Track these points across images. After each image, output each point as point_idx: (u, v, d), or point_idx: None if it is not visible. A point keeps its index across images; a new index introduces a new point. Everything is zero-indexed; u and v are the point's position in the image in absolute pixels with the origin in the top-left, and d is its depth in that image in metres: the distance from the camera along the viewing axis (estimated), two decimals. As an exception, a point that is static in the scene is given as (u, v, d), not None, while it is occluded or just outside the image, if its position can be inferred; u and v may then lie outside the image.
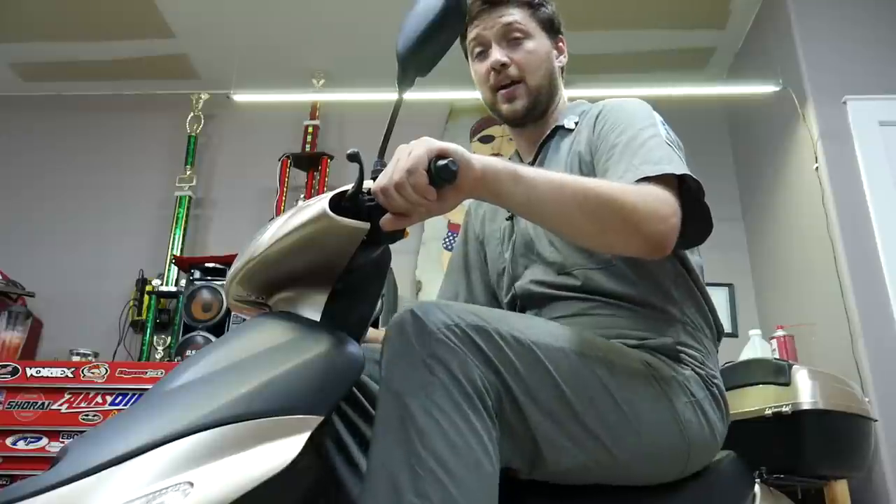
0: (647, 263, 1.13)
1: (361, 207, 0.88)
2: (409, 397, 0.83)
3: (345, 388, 0.86)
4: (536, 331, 0.96)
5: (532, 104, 1.27)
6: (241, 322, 2.98)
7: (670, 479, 1.06)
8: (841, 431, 1.72)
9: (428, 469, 0.79)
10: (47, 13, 3.39)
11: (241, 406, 0.75)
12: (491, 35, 1.26)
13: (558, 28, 1.33)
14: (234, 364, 0.82)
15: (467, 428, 0.83)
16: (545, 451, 0.93)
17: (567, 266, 1.17)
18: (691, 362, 1.10)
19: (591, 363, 0.98)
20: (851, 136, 2.70)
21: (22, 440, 2.48)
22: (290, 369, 0.81)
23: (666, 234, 0.97)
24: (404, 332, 0.87)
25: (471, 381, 0.85)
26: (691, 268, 1.18)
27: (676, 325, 1.13)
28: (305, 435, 0.76)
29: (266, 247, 0.90)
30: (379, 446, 0.83)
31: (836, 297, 2.53)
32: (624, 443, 0.98)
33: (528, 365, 0.91)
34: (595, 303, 1.14)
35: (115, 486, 0.68)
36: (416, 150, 0.84)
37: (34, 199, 3.72)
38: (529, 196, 0.92)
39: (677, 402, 1.03)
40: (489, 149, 3.68)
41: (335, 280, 0.92)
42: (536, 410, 0.91)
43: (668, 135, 1.11)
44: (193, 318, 3.04)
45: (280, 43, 3.58)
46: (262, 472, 0.71)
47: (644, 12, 3.32)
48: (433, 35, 0.90)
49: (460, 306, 0.92)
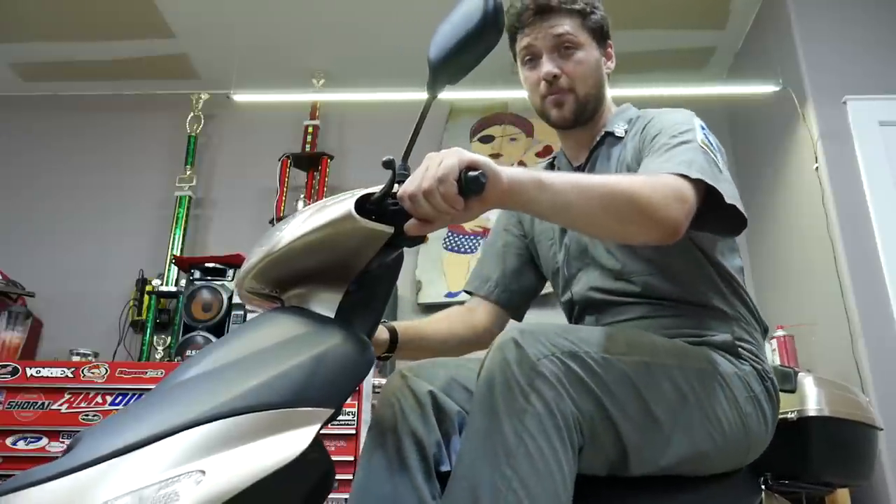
0: (698, 265, 1.20)
1: (385, 211, 0.89)
2: (504, 418, 0.89)
3: (356, 383, 0.88)
4: (618, 346, 1.02)
5: (580, 111, 1.30)
6: (243, 322, 2.99)
7: (732, 468, 1.12)
8: (846, 439, 1.72)
9: (510, 488, 0.85)
10: (47, 13, 3.39)
11: (254, 397, 0.76)
12: (542, 45, 1.28)
13: (607, 34, 1.35)
14: (248, 356, 0.83)
15: (553, 458, 0.88)
16: (631, 457, 0.99)
17: (625, 273, 1.22)
18: (749, 357, 1.16)
19: (666, 370, 1.04)
20: (851, 136, 2.71)
21: (22, 440, 2.48)
22: (303, 362, 0.82)
23: (676, 219, 0.99)
24: (505, 356, 0.93)
25: (563, 415, 0.91)
26: (734, 270, 1.24)
27: (731, 321, 1.19)
28: (316, 427, 0.78)
29: (286, 243, 0.90)
30: (467, 458, 0.90)
31: (836, 297, 2.54)
32: (698, 440, 1.03)
33: (616, 382, 0.98)
34: (656, 305, 1.19)
35: (128, 473, 0.69)
36: (448, 159, 0.85)
37: (34, 199, 3.72)
38: (555, 202, 0.94)
39: (740, 396, 1.09)
40: (489, 149, 3.68)
41: (351, 280, 0.93)
42: (626, 423, 0.97)
43: (705, 139, 1.14)
44: (193, 318, 3.04)
45: (280, 43, 3.58)
46: (273, 463, 0.72)
47: (644, 12, 3.32)
48: (468, 46, 0.90)
49: (553, 329, 0.98)
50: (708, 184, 1.05)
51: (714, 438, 1.05)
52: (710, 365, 1.09)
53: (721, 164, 1.13)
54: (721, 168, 1.12)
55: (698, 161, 1.07)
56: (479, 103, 3.79)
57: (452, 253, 3.49)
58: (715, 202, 1.07)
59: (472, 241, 3.50)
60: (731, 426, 1.07)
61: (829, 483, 1.78)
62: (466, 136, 3.74)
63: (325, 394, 0.81)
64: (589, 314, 1.28)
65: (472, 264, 1.55)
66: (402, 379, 1.13)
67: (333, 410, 0.81)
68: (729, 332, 1.16)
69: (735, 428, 1.07)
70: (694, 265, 1.20)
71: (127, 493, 0.67)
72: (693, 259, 1.21)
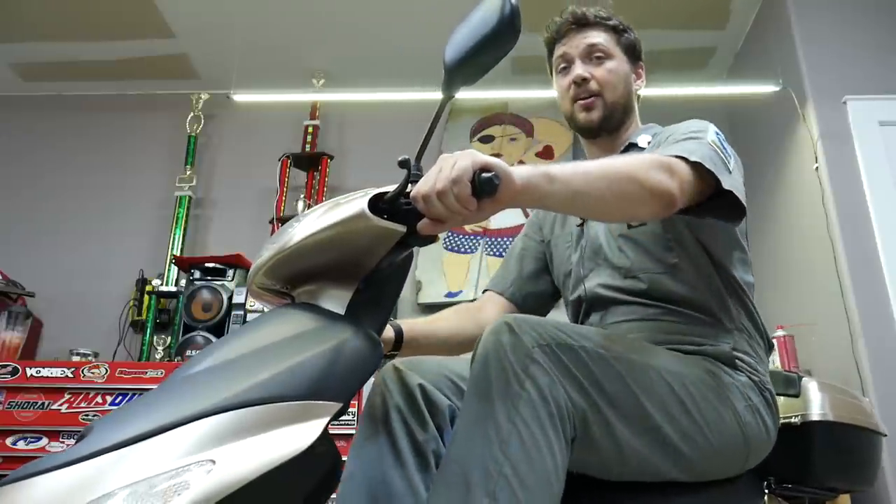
0: (707, 273, 1.22)
1: (398, 210, 0.90)
2: (497, 403, 0.90)
3: (365, 378, 0.89)
4: (615, 346, 1.03)
5: (607, 117, 1.35)
6: (243, 322, 2.99)
7: (731, 475, 1.12)
8: (850, 444, 1.72)
9: (502, 474, 0.85)
10: (47, 13, 3.39)
11: (264, 389, 0.77)
12: (575, 53, 1.37)
13: (639, 55, 1.44)
14: (258, 350, 0.84)
15: (545, 444, 0.89)
16: (627, 458, 1.00)
17: (634, 270, 1.24)
18: (746, 369, 1.16)
19: (662, 373, 1.05)
20: (851, 136, 2.71)
21: (22, 440, 2.48)
22: (313, 356, 0.83)
23: (668, 187, 1.02)
24: (499, 342, 0.93)
25: (556, 403, 0.92)
26: (745, 284, 1.25)
27: (733, 332, 1.20)
28: (325, 420, 0.78)
29: (299, 240, 0.91)
30: (459, 441, 0.90)
31: (836, 297, 2.54)
32: (695, 445, 1.04)
33: (612, 380, 0.99)
34: (658, 309, 1.21)
35: (140, 461, 0.69)
36: (462, 161, 0.86)
37: (34, 199, 3.72)
38: (566, 191, 0.95)
39: (738, 405, 1.10)
40: (489, 149, 3.68)
41: (361, 278, 0.94)
42: (621, 422, 0.98)
43: (716, 140, 1.16)
44: (193, 318, 3.04)
45: (280, 43, 3.59)
46: (282, 454, 0.73)
47: (644, 12, 3.32)
48: (485, 49, 0.92)
49: (549, 322, 0.99)
50: (706, 168, 1.06)
51: (711, 443, 1.05)
52: (707, 373, 1.10)
53: (731, 165, 1.15)
54: (730, 168, 1.13)
55: (701, 151, 1.09)
56: (479, 103, 3.79)
57: (452, 253, 3.49)
58: (717, 194, 1.09)
59: (472, 241, 3.50)
60: (729, 433, 1.08)
61: (833, 488, 1.78)
62: (466, 136, 3.75)
63: (334, 388, 0.81)
64: (595, 312, 1.29)
65: (472, 264, 1.57)
66: (394, 371, 1.14)
67: (342, 405, 0.82)
68: (728, 343, 1.17)
69: (733, 435, 1.08)
70: (702, 271, 1.22)
71: (137, 482, 0.68)
72: (702, 265, 1.22)
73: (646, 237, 1.24)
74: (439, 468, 0.93)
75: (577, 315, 1.36)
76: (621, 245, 1.27)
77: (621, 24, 1.41)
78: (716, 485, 1.11)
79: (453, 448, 0.91)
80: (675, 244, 1.23)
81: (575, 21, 1.39)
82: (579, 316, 1.34)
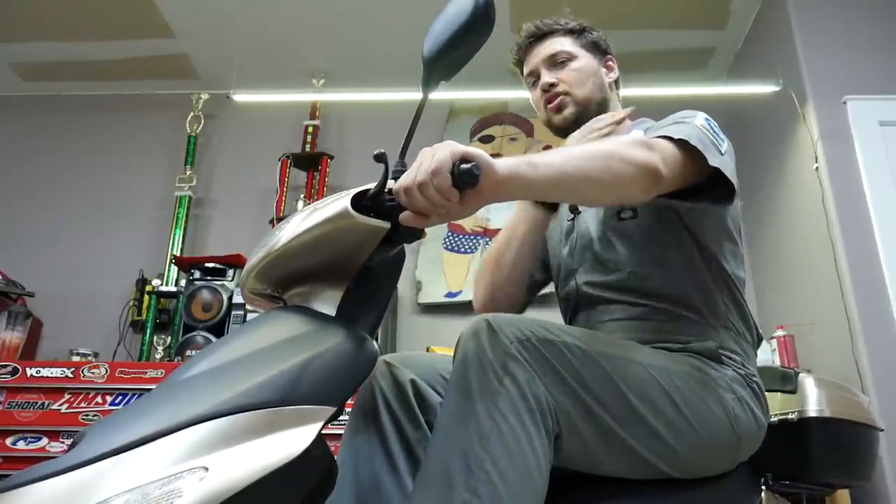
0: (694, 266, 1.21)
1: (382, 207, 0.90)
2: (477, 399, 0.90)
3: (359, 381, 0.89)
4: (599, 342, 1.04)
5: (581, 113, 1.36)
6: (242, 322, 2.99)
7: (723, 469, 1.12)
8: (847, 440, 1.73)
9: (483, 469, 0.86)
10: (47, 13, 3.39)
11: (257, 394, 0.77)
12: (540, 64, 1.40)
13: (605, 49, 1.45)
14: (250, 354, 0.84)
15: (526, 439, 0.90)
16: (614, 451, 1.00)
17: (620, 263, 1.24)
18: (731, 364, 1.16)
19: (649, 368, 1.05)
20: (851, 136, 2.70)
21: (22, 440, 2.48)
22: (305, 360, 0.82)
23: (651, 161, 1.02)
24: (479, 338, 0.94)
25: (536, 398, 0.92)
26: (736, 279, 1.25)
27: (719, 330, 1.19)
28: (318, 425, 0.78)
29: (285, 242, 0.91)
30: (440, 439, 0.91)
31: (836, 297, 2.54)
32: (685, 440, 1.04)
33: (596, 376, 0.99)
34: (644, 308, 1.21)
35: (132, 469, 0.69)
36: (440, 152, 0.86)
37: (34, 199, 3.71)
38: (551, 175, 0.95)
39: (725, 396, 1.10)
40: (489, 149, 3.68)
41: (351, 277, 0.94)
42: (606, 415, 0.98)
43: (706, 124, 1.15)
44: (193, 318, 3.04)
45: (280, 43, 3.59)
46: (276, 460, 0.73)
47: (644, 12, 3.32)
48: (461, 40, 0.92)
49: (531, 319, 0.99)
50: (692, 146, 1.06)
51: (699, 435, 1.05)
52: (693, 368, 1.10)
53: (724, 148, 1.14)
54: (721, 151, 1.13)
55: (687, 132, 1.09)
56: (479, 103, 3.79)
57: (452, 253, 3.49)
58: (708, 180, 1.09)
59: (471, 241, 3.50)
60: (718, 424, 1.07)
61: (830, 484, 1.78)
62: (466, 136, 3.75)
63: (327, 392, 0.81)
64: (582, 311, 1.29)
65: (472, 264, 1.57)
66: (386, 366, 1.14)
67: (336, 409, 0.81)
68: (713, 340, 1.17)
69: (721, 426, 1.08)
70: (692, 265, 1.21)
71: (130, 490, 0.67)
72: (691, 258, 1.22)
73: (636, 229, 1.24)
74: (421, 465, 0.93)
75: (565, 313, 1.36)
76: (611, 237, 1.26)
77: (578, 25, 1.43)
78: (712, 481, 1.11)
79: (434, 444, 0.92)
80: (665, 236, 1.22)
81: (531, 35, 1.42)
82: (567, 315, 1.35)
